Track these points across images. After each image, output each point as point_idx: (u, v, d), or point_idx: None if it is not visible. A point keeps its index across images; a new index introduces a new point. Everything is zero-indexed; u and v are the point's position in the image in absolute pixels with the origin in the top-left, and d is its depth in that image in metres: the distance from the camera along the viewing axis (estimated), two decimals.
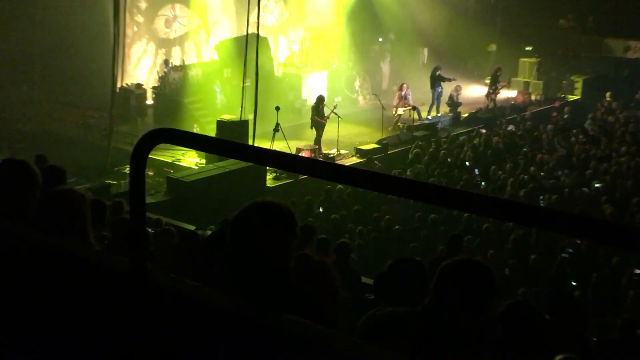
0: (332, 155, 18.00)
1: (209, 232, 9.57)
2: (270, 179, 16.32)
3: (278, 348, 1.80)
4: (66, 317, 2.18)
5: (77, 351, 2.18)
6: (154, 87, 21.43)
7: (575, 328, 5.46)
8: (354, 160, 18.17)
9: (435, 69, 22.92)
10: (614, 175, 15.96)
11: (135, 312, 2.00)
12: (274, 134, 17.04)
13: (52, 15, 20.45)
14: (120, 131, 18.92)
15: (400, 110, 21.50)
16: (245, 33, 18.37)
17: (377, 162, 17.53)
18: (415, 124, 20.88)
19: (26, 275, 2.29)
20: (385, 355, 1.75)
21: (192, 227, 11.08)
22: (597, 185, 15.39)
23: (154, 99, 21.29)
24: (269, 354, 1.81)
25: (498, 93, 24.37)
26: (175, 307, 1.97)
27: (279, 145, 16.76)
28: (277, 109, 17.31)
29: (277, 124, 17.15)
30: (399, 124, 21.36)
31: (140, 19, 23.14)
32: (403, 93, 21.63)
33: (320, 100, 18.98)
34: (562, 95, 26.10)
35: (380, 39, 27.23)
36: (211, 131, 18.02)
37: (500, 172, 16.33)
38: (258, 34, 17.87)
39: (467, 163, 17.46)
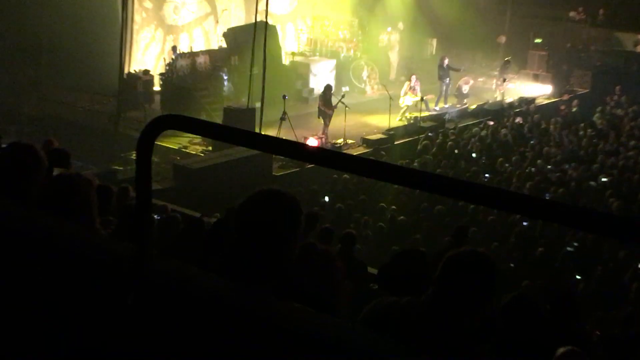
0: (338, 145, 17.99)
1: (215, 220, 9.59)
2: (276, 167, 16.33)
3: (281, 336, 1.80)
4: (70, 302, 2.19)
5: (80, 336, 2.19)
6: (161, 74, 21.41)
7: (572, 321, 5.46)
8: (361, 150, 18.15)
9: (442, 59, 22.86)
10: (622, 169, 15.92)
11: (139, 298, 2.01)
12: (280, 123, 17.04)
13: (60, 0, 20.44)
14: (127, 117, 18.94)
15: (409, 101, 21.43)
16: (253, 21, 18.33)
17: (383, 153, 17.52)
18: (422, 114, 20.84)
19: (30, 259, 2.30)
20: (387, 344, 1.75)
21: (198, 214, 11.11)
22: (604, 179, 15.35)
23: (161, 85, 21.27)
24: (271, 342, 1.81)
25: (507, 85, 24.30)
26: (180, 294, 1.98)
27: (285, 134, 16.76)
28: (285, 97, 17.30)
29: (284, 113, 17.14)
30: (406, 114, 21.31)
31: (148, 4, 23.11)
32: (412, 84, 21.57)
33: (328, 89, 18.95)
34: (571, 89, 25.99)
35: (389, 29, 27.13)
36: (218, 118, 18.03)
37: (507, 165, 16.32)
38: (266, 22, 17.84)
39: (473, 155, 17.44)
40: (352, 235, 8.51)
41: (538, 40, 28.22)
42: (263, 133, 13.95)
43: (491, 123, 20.71)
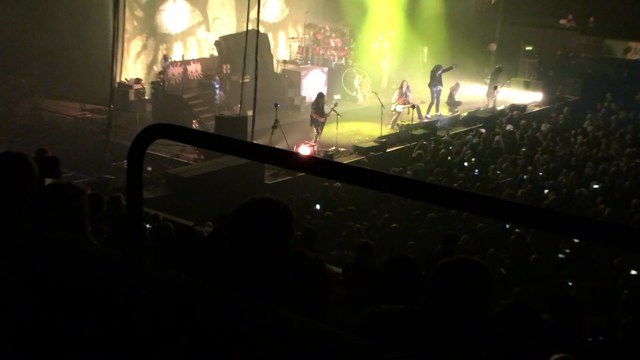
0: (330, 153, 18.00)
1: (207, 228, 9.57)
2: (268, 176, 16.33)
3: (273, 344, 1.80)
4: (62, 310, 2.18)
5: (73, 344, 2.18)
6: (153, 83, 21.41)
7: (573, 328, 5.47)
8: (353, 157, 18.18)
9: (437, 69, 22.83)
10: (613, 176, 15.97)
11: (131, 306, 2.00)
12: (272, 131, 17.04)
13: (51, 9, 20.42)
14: (118, 126, 18.92)
15: (400, 108, 21.47)
16: (245, 29, 18.36)
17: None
18: (414, 122, 20.89)
19: (22, 268, 2.29)
20: (380, 352, 1.75)
21: (190, 223, 11.08)
22: (595, 186, 15.40)
23: (152, 94, 21.27)
24: (264, 349, 1.81)
25: (498, 92, 24.39)
26: (172, 302, 1.97)
27: (277, 142, 16.77)
28: (276, 105, 17.31)
29: (276, 121, 17.15)
30: (398, 122, 21.35)
31: (140, 13, 23.13)
32: (403, 90, 21.60)
33: (320, 97, 18.97)
34: (562, 96, 26.11)
35: (381, 37, 27.21)
36: (210, 127, 18.02)
37: (498, 172, 16.35)
38: (258, 31, 17.87)
39: (465, 163, 17.48)
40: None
41: (529, 48, 28.37)
42: (255, 142, 13.97)
43: (483, 130, 20.77)
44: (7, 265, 2.35)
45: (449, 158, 17.58)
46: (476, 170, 16.17)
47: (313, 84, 23.59)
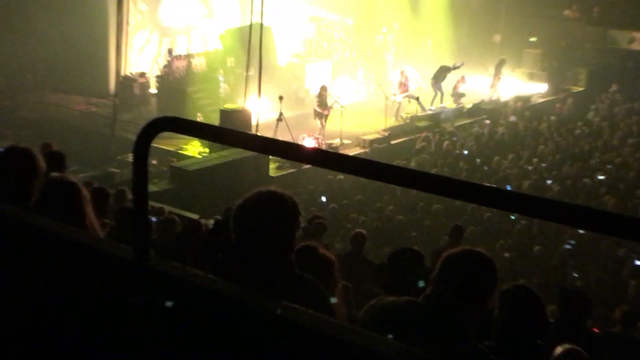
0: (335, 145, 17.98)
1: (212, 221, 9.59)
2: (273, 169, 16.33)
3: (279, 336, 1.81)
4: (68, 303, 2.19)
5: (78, 338, 2.19)
6: (157, 76, 21.39)
7: (581, 320, 5.48)
8: (357, 150, 18.15)
9: (447, 69, 22.65)
10: (618, 166, 15.94)
11: (137, 299, 2.01)
12: (277, 124, 17.02)
13: (55, 3, 20.42)
14: (123, 119, 18.92)
15: (400, 98, 21.33)
16: (249, 22, 18.33)
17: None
18: (418, 114, 20.82)
19: (28, 261, 2.30)
20: (386, 343, 1.75)
21: (195, 216, 11.10)
22: (600, 177, 15.37)
23: (157, 87, 21.25)
24: (270, 342, 1.82)
25: (501, 84, 24.27)
26: (178, 295, 1.98)
27: (282, 135, 16.75)
28: (281, 98, 17.29)
29: (281, 114, 17.14)
30: (402, 114, 21.27)
31: (143, 7, 23.10)
32: (402, 79, 21.48)
33: (323, 90, 18.92)
34: (566, 87, 26.01)
35: (385, 29, 27.11)
36: (215, 120, 18.02)
37: (504, 163, 16.33)
38: (262, 24, 17.84)
39: (465, 152, 17.42)
40: (363, 235, 8.37)
41: (533, 39, 28.24)
42: (259, 134, 13.97)
43: (487, 122, 20.71)
44: (11, 259, 2.36)
45: (457, 152, 17.52)
46: (486, 168, 16.11)
47: (317, 76, 23.51)
